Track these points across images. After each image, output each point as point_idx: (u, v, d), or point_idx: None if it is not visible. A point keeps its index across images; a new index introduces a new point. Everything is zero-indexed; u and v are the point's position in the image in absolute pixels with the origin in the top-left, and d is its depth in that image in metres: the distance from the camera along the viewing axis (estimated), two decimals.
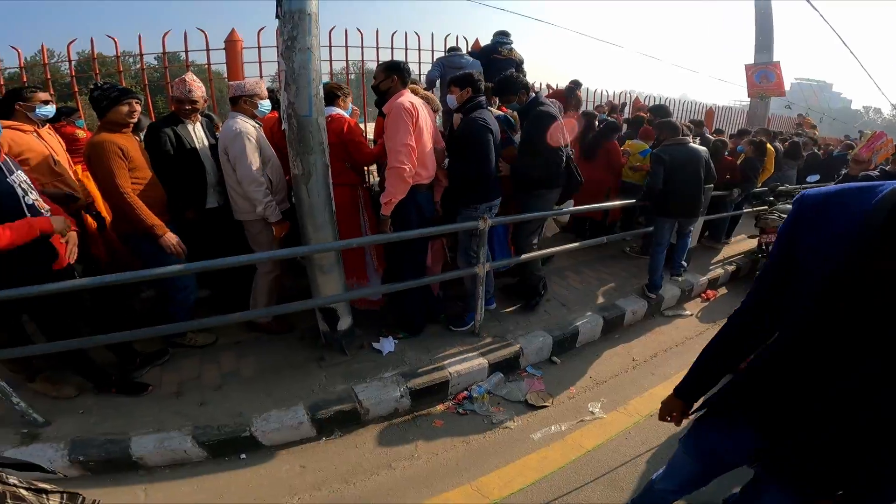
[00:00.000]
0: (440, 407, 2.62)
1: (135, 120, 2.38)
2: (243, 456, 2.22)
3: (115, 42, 3.55)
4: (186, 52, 3.68)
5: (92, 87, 2.35)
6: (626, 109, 7.07)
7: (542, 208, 3.17)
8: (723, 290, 4.57)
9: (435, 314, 3.22)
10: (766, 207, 4.97)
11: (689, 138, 3.76)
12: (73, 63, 3.57)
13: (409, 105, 2.45)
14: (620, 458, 2.33)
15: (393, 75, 2.57)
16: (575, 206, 3.56)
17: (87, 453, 2.03)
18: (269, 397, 2.43)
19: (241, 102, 2.62)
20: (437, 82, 4.25)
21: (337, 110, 2.74)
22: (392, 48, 4.39)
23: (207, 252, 2.36)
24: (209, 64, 3.73)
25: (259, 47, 3.77)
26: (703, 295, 4.33)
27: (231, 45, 3.66)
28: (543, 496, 2.09)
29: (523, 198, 3.18)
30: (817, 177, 6.52)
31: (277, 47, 2.11)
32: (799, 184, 6.28)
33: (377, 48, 4.35)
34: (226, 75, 3.94)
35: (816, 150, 7.05)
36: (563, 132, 3.03)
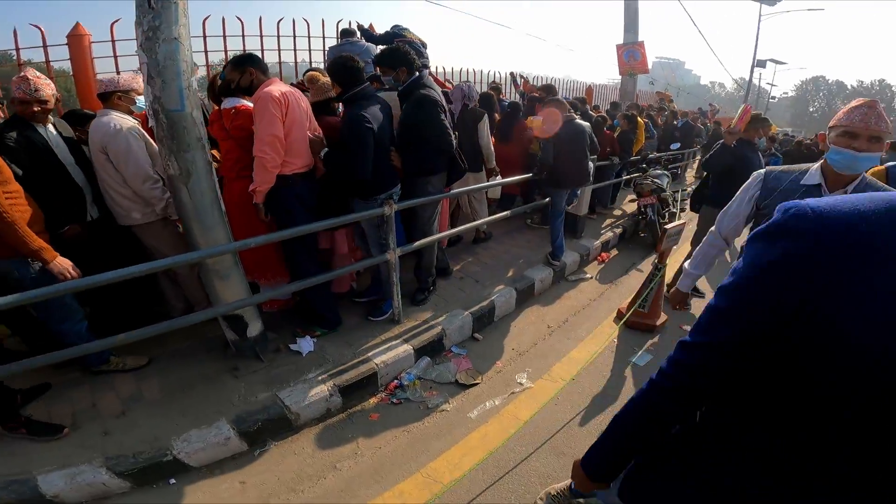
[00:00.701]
0: (373, 400, 2.60)
1: None
2: (173, 481, 2.05)
3: None
4: (17, 49, 3.12)
5: None
6: (517, 86, 7.40)
7: (432, 191, 3.09)
8: (614, 252, 5.11)
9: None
10: (639, 174, 5.65)
11: (575, 115, 4.11)
12: None
13: (277, 95, 2.34)
14: (555, 424, 2.44)
15: (248, 68, 2.46)
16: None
17: None
18: (184, 417, 2.24)
19: (115, 99, 2.48)
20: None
21: (242, 101, 2.62)
22: (278, 36, 4.13)
23: (92, 269, 2.06)
24: (48, 61, 3.20)
25: (113, 41, 3.31)
26: (598, 258, 4.81)
27: (76, 39, 3.15)
28: (493, 472, 2.14)
29: (408, 186, 3.05)
30: (678, 144, 7.55)
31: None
32: (662, 152, 7.24)
33: (261, 37, 4.06)
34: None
35: (675, 122, 8.12)
36: (449, 117, 2.97)
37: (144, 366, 2.59)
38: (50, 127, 2.38)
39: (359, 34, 4.43)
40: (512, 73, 6.84)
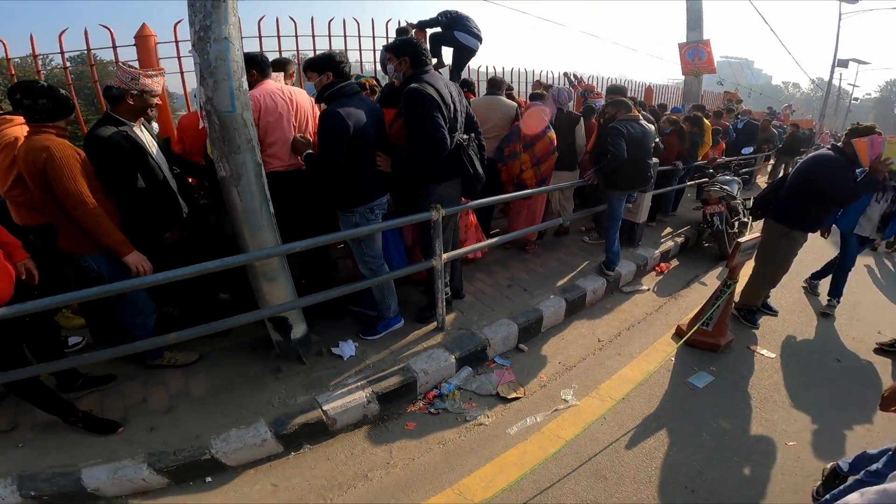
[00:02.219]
0: (411, 408, 2.54)
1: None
2: (209, 479, 2.08)
3: (32, 39, 3.17)
4: (88, 50, 3.32)
5: (35, 87, 1.98)
6: (574, 86, 7.12)
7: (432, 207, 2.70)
8: (675, 262, 4.74)
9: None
10: (706, 179, 5.21)
11: (640, 115, 3.84)
12: None
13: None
14: (599, 445, 2.32)
15: (251, 69, 2.40)
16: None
17: (39, 488, 1.89)
18: (225, 416, 2.27)
19: None
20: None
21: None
22: (329, 36, 4.17)
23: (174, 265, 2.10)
24: (117, 61, 3.38)
25: (176, 41, 3.46)
26: (657, 268, 4.47)
27: (142, 40, 3.31)
28: (528, 493, 2.04)
29: (411, 196, 2.77)
30: (751, 148, 6.93)
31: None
32: (735, 155, 6.66)
33: (313, 37, 4.11)
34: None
35: (735, 122, 7.49)
36: (457, 115, 2.62)
37: (195, 362, 2.66)
38: (141, 126, 2.33)
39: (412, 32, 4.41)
40: (566, 74, 6.59)
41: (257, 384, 2.49)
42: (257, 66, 2.50)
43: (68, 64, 3.48)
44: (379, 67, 4.18)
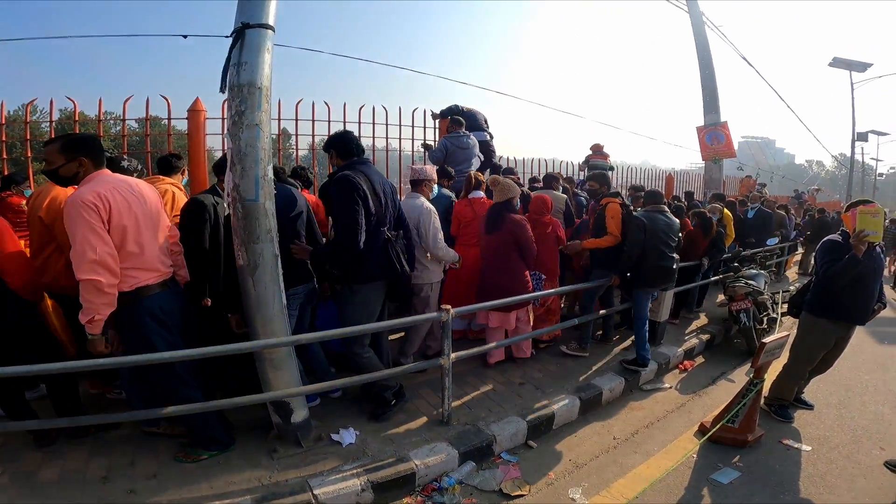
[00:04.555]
0: (407, 500, 2.41)
1: None
2: None
3: (100, 103, 3.52)
4: (147, 119, 3.61)
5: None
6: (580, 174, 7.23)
7: (359, 306, 2.61)
8: (700, 360, 4.53)
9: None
10: (731, 274, 5.05)
11: (665, 207, 3.85)
12: (53, 123, 3.58)
13: (89, 198, 1.78)
14: None
15: (80, 157, 1.87)
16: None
17: None
18: (211, 489, 2.20)
19: (423, 186, 3.28)
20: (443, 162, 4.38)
21: (481, 194, 3.75)
22: (359, 122, 4.44)
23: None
24: (169, 134, 3.66)
25: (223, 119, 3.73)
26: (680, 366, 4.27)
27: (194, 114, 3.58)
28: None
29: (338, 292, 2.72)
30: (776, 240, 6.78)
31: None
32: (759, 247, 6.51)
33: (344, 122, 4.38)
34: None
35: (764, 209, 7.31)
36: (370, 200, 2.44)
37: None
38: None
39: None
40: (581, 164, 6.80)
41: (251, 461, 2.42)
42: (90, 155, 1.90)
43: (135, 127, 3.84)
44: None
